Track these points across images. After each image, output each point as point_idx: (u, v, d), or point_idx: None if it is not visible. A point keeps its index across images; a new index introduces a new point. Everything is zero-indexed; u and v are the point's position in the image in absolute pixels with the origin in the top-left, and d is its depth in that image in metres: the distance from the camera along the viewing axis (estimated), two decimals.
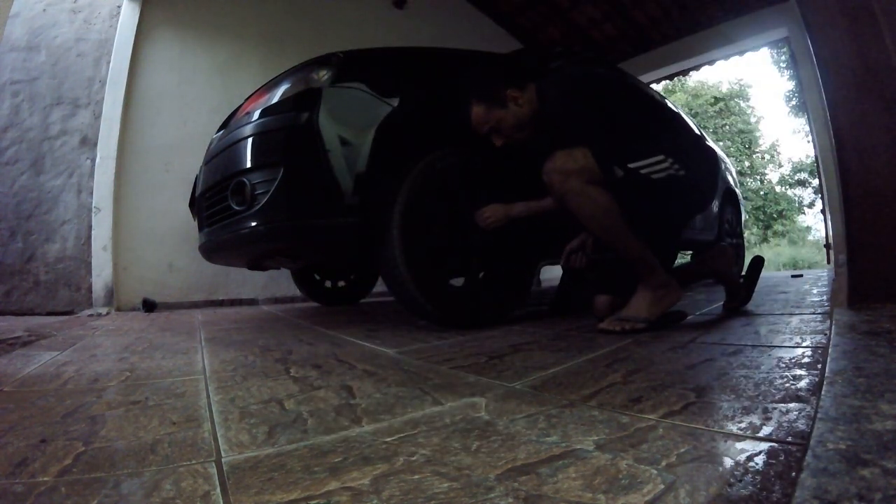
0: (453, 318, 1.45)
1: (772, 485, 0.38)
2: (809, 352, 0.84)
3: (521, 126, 1.34)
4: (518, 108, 1.33)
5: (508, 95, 1.32)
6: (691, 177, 1.26)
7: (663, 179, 1.22)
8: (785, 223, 15.63)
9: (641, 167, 1.21)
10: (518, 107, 1.33)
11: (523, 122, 1.34)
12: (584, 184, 1.19)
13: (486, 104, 1.34)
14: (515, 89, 1.32)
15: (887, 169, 0.98)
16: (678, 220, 1.48)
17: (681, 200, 1.33)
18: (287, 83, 1.44)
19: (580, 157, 1.20)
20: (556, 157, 1.21)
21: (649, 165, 1.21)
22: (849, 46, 1.03)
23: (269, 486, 0.43)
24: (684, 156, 1.26)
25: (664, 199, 1.27)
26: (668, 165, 1.22)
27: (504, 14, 4.87)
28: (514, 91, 1.32)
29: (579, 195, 1.20)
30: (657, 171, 1.21)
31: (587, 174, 1.19)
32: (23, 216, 2.56)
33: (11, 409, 0.72)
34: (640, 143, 1.24)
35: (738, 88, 16.85)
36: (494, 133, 1.37)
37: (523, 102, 1.33)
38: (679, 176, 1.23)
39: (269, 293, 3.15)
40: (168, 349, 1.28)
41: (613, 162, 1.21)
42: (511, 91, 1.32)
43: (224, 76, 3.13)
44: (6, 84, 2.65)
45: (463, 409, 0.64)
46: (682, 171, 1.23)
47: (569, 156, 1.20)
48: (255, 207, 1.33)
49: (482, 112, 1.35)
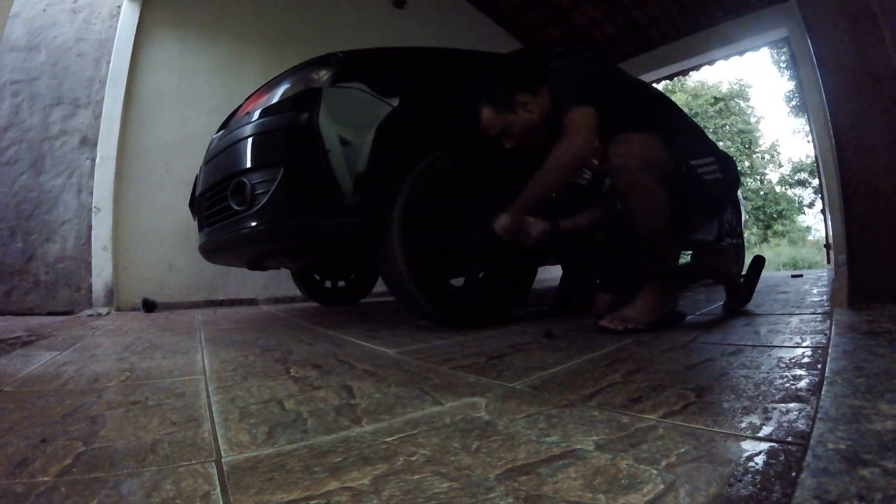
0: (453, 318, 1.45)
1: (772, 485, 0.38)
2: (809, 352, 0.84)
3: (532, 130, 1.34)
4: (528, 114, 1.32)
5: (518, 101, 1.31)
6: (724, 180, 1.25)
7: (710, 181, 1.19)
8: (785, 223, 15.63)
9: (699, 166, 1.18)
10: (528, 112, 1.32)
11: (533, 126, 1.33)
12: (656, 180, 1.11)
13: (494, 108, 1.33)
14: (526, 94, 1.32)
15: (887, 169, 0.98)
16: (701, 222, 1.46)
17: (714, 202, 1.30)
18: (287, 83, 1.44)
19: (657, 146, 1.11)
20: (633, 142, 1.10)
21: (704, 165, 1.19)
22: (849, 46, 1.03)
23: (269, 486, 0.43)
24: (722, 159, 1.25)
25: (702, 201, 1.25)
26: (716, 167, 1.20)
27: (504, 14, 4.87)
28: (525, 96, 1.32)
29: (649, 191, 1.11)
30: (709, 171, 1.19)
31: (662, 168, 1.11)
32: (23, 216, 2.56)
33: (11, 409, 0.72)
34: (697, 142, 1.23)
35: (738, 88, 16.85)
36: (504, 136, 1.36)
37: (533, 108, 1.32)
38: (720, 179, 1.22)
39: (269, 293, 3.15)
40: (168, 349, 1.28)
41: (681, 157, 1.16)
42: (521, 96, 1.31)
43: (224, 76, 3.13)
44: (6, 84, 2.65)
45: (463, 409, 0.64)
46: (721, 174, 1.22)
47: (647, 142, 1.10)
48: (255, 207, 1.33)
49: (491, 115, 1.34)
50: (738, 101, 16.71)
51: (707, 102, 16.24)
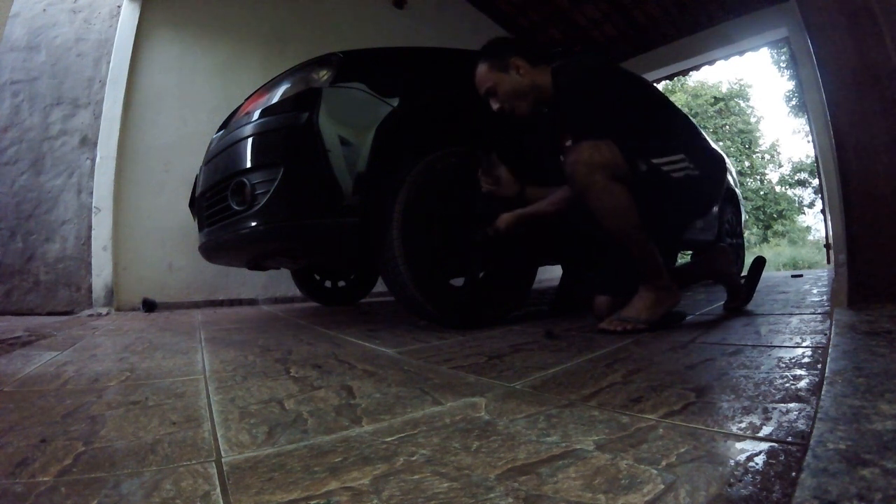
0: (453, 318, 1.45)
1: (772, 485, 0.38)
2: (809, 352, 0.84)
3: (518, 95, 1.34)
4: (518, 77, 1.33)
5: (512, 62, 1.33)
6: (704, 177, 1.25)
7: (681, 179, 1.20)
8: (785, 223, 15.64)
9: (664, 164, 1.19)
10: (519, 76, 1.33)
11: (520, 91, 1.33)
12: (608, 179, 1.16)
13: (489, 64, 1.35)
14: (522, 59, 1.33)
15: (887, 169, 0.97)
16: (683, 221, 1.47)
17: (691, 201, 1.32)
18: (287, 83, 1.44)
19: (606, 150, 1.16)
20: (582, 149, 1.17)
21: (671, 163, 1.20)
22: (849, 46, 1.02)
23: (269, 486, 0.43)
24: (699, 156, 1.25)
25: (677, 199, 1.26)
26: (686, 165, 1.21)
27: (504, 14, 4.87)
28: (520, 60, 1.33)
29: (603, 191, 1.16)
30: (677, 169, 1.20)
31: (612, 169, 1.16)
32: (23, 216, 2.56)
33: (11, 409, 0.72)
34: (662, 140, 1.23)
35: (738, 88, 16.86)
36: (491, 96, 1.37)
37: (525, 74, 1.33)
38: (694, 176, 1.22)
39: (269, 293, 3.15)
40: (168, 349, 1.28)
41: (638, 157, 1.19)
42: (516, 59, 1.33)
43: (224, 76, 3.13)
44: (6, 84, 2.65)
45: (463, 409, 0.64)
46: (696, 172, 1.22)
47: (595, 148, 1.16)
48: (255, 207, 1.33)
49: (484, 70, 1.36)
50: (738, 101, 16.71)
51: (707, 102, 16.24)
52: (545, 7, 4.64)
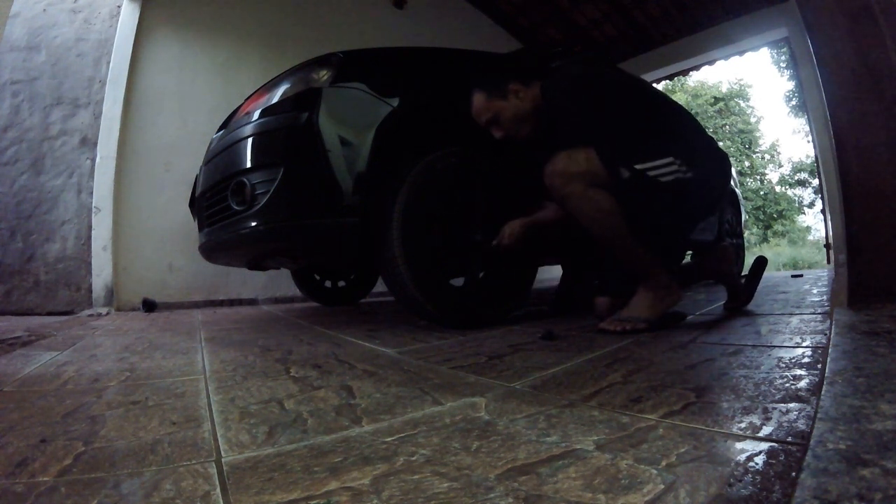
0: (453, 318, 1.45)
1: (772, 485, 0.38)
2: (809, 352, 0.84)
3: (521, 120, 1.34)
4: (518, 102, 1.33)
5: (510, 88, 1.32)
6: (699, 179, 1.24)
7: (671, 182, 1.20)
8: (785, 223, 15.64)
9: (648, 169, 1.19)
10: (518, 100, 1.33)
11: (522, 116, 1.34)
12: (585, 187, 1.17)
13: (486, 94, 1.34)
14: (518, 83, 1.33)
15: (887, 169, 0.98)
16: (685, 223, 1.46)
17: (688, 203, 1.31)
18: (287, 83, 1.44)
19: (582, 159, 1.18)
20: (558, 160, 1.19)
21: (657, 168, 1.19)
22: (849, 46, 1.02)
23: (269, 486, 0.43)
24: (693, 157, 1.24)
25: (671, 202, 1.25)
26: (676, 168, 1.19)
27: (504, 14, 4.87)
28: (517, 85, 1.33)
29: (580, 199, 1.18)
30: (665, 173, 1.19)
31: (590, 177, 1.17)
32: (23, 216, 2.56)
33: (11, 409, 0.72)
34: (647, 144, 1.22)
35: (738, 88, 16.86)
36: (494, 125, 1.37)
37: (524, 97, 1.33)
38: (686, 179, 1.21)
39: (269, 293, 3.15)
40: (168, 349, 1.28)
41: (619, 163, 1.19)
42: (513, 85, 1.32)
43: (224, 76, 3.13)
44: (6, 84, 2.65)
45: (463, 409, 0.64)
46: (689, 174, 1.21)
47: (570, 158, 1.18)
48: (255, 207, 1.33)
49: (482, 101, 1.35)
50: (738, 101, 16.72)
51: (707, 102, 16.24)
52: (545, 7, 4.64)
